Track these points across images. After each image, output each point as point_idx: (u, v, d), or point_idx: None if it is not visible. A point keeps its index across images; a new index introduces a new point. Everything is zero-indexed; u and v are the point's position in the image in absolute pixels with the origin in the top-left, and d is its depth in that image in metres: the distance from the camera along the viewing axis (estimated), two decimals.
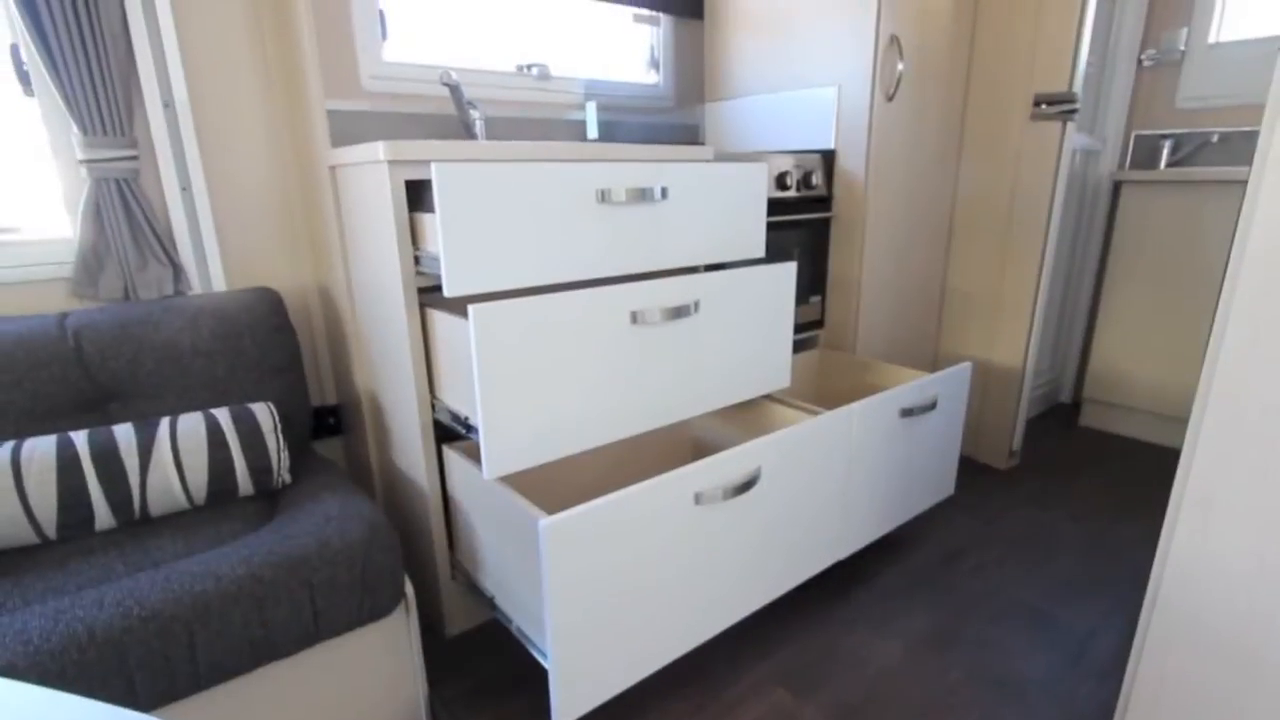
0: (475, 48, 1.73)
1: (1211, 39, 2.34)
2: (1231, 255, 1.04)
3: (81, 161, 1.23)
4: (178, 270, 1.36)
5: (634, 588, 1.04)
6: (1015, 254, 1.99)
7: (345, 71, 1.52)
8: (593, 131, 1.90)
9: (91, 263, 1.27)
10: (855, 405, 1.38)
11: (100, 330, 1.19)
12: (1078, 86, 1.81)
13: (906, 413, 1.49)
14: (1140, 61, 2.46)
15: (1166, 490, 1.98)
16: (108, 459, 1.04)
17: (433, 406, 1.23)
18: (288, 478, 1.19)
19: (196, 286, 1.41)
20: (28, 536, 1.00)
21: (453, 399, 1.16)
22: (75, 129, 1.21)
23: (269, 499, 1.18)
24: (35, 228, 1.28)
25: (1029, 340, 2.01)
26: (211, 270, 1.42)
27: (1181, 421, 2.32)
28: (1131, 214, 2.31)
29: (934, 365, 2.25)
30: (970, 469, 2.18)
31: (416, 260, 1.14)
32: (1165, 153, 2.43)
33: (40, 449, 1.01)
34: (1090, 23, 1.78)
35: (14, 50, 1.21)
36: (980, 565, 1.65)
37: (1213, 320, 1.09)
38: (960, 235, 2.12)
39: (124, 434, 1.07)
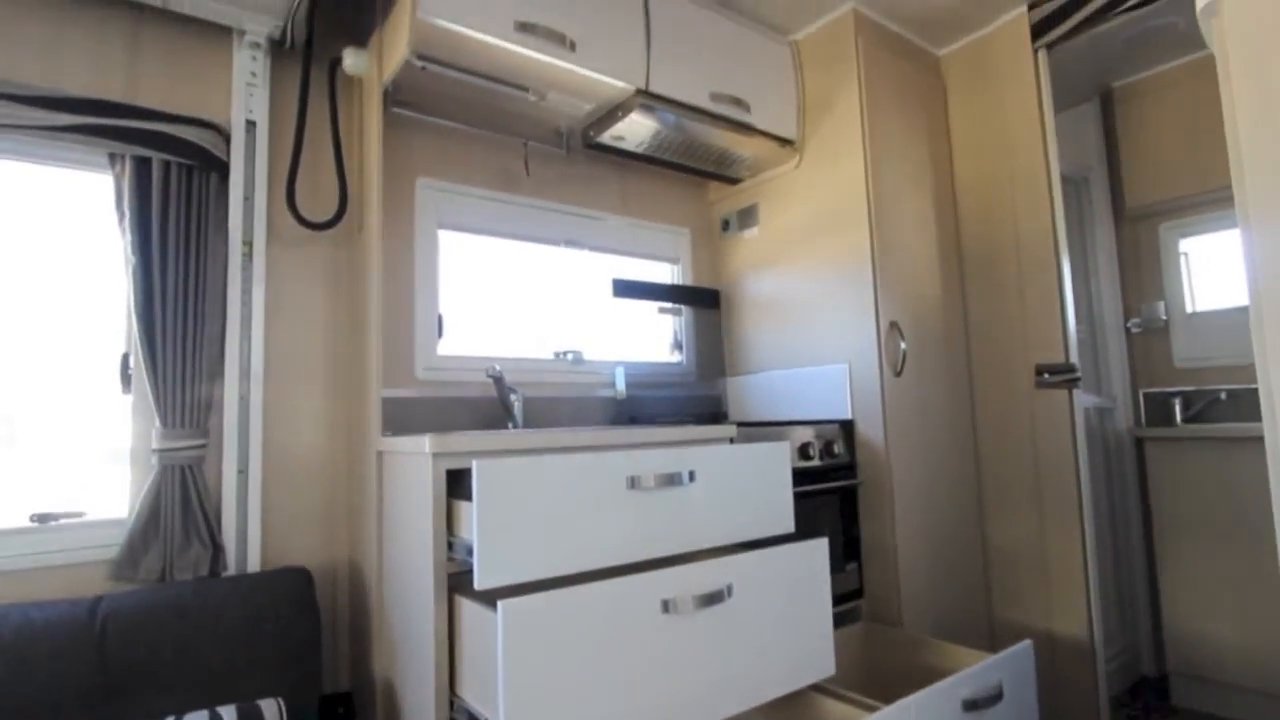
0: (518, 339, 1.97)
1: (1189, 309, 2.54)
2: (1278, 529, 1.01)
3: (155, 450, 1.34)
4: (218, 550, 1.38)
5: None
6: (1051, 512, 1.95)
7: (402, 365, 1.71)
8: (620, 385, 2.04)
9: (139, 545, 1.32)
10: (911, 699, 1.24)
11: (128, 617, 1.18)
12: (1074, 357, 1.94)
13: (971, 706, 1.34)
14: (1128, 329, 2.66)
15: None
16: None
17: (451, 704, 1.14)
18: None
19: (232, 566, 1.42)
20: None
21: (474, 698, 1.08)
22: (158, 423, 1.35)
23: None
24: (96, 511, 1.36)
25: (1089, 605, 1.86)
26: (250, 548, 1.45)
27: None
28: (1161, 470, 2.29)
29: (991, 634, 2.06)
30: None
31: (450, 545, 1.16)
32: (1178, 409, 2.48)
33: None
34: (1070, 299, 1.97)
35: (124, 358, 1.41)
36: None
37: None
38: (991, 495, 2.10)
39: None
